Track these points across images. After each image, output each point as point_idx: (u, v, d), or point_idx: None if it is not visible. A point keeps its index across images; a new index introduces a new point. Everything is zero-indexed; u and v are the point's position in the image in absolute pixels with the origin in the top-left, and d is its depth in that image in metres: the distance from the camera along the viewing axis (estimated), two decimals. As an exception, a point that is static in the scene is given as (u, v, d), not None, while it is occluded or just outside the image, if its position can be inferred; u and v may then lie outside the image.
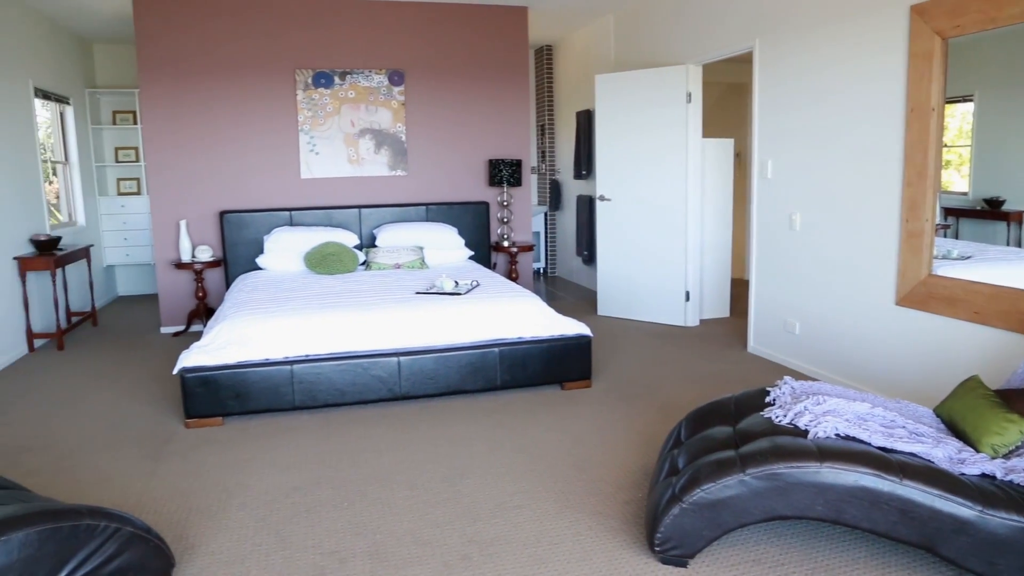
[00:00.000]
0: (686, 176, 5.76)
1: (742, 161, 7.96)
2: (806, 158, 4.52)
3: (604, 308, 6.44)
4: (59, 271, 6.16)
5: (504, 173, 6.43)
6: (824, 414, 2.57)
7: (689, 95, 5.67)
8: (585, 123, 7.45)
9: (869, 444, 2.40)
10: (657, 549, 2.45)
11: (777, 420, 2.65)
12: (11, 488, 2.58)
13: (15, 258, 5.52)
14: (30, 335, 5.63)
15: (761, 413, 2.78)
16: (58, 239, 5.83)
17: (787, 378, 3.03)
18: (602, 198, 6.26)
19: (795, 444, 2.40)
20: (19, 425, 4.02)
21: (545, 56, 8.59)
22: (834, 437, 2.44)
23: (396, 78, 6.36)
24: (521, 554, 2.56)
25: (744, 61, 5.48)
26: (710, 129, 7.43)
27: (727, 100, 8.20)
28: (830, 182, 4.33)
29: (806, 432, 2.50)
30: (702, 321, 6.16)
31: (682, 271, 5.90)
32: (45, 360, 5.41)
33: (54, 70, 6.67)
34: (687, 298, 5.94)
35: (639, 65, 6.45)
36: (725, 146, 6.21)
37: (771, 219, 4.90)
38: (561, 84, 8.40)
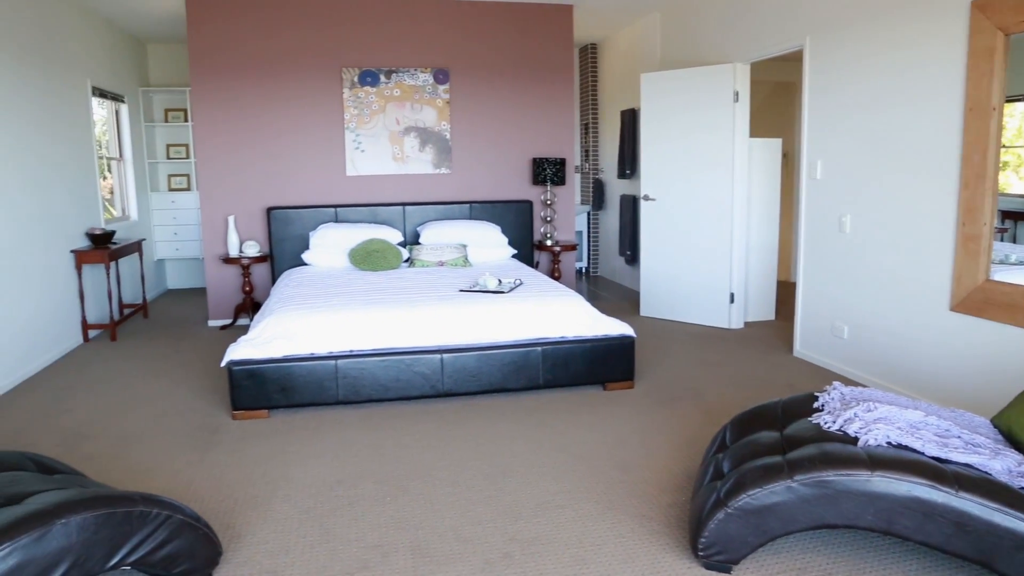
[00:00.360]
0: (732, 176, 5.69)
1: (790, 161, 7.83)
2: (857, 158, 4.43)
3: (647, 309, 6.39)
4: (113, 264, 6.34)
5: (548, 172, 6.42)
6: (875, 421, 2.51)
7: (736, 94, 5.59)
8: (630, 122, 7.39)
9: (922, 454, 2.34)
10: (701, 554, 2.43)
11: (826, 426, 2.59)
12: (69, 473, 2.66)
13: (72, 251, 5.68)
14: (85, 326, 5.79)
15: (809, 419, 2.73)
16: (112, 233, 5.98)
17: (836, 383, 2.97)
18: (646, 198, 6.21)
19: (845, 451, 2.35)
20: (76, 412, 4.14)
21: (590, 55, 8.56)
22: (885, 445, 2.38)
23: (441, 76, 6.39)
24: (563, 554, 2.56)
25: (793, 59, 5.40)
26: (757, 129, 7.33)
27: (774, 99, 8.07)
28: (882, 183, 4.23)
29: (856, 439, 2.45)
30: (747, 323, 6.07)
31: (727, 272, 5.83)
32: (99, 350, 5.56)
33: (110, 70, 6.85)
34: (732, 300, 5.86)
35: (685, 64, 6.38)
36: (772, 146, 6.11)
37: (820, 221, 4.81)
38: (605, 83, 8.36)
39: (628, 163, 7.46)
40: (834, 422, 2.60)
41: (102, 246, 5.89)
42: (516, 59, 6.53)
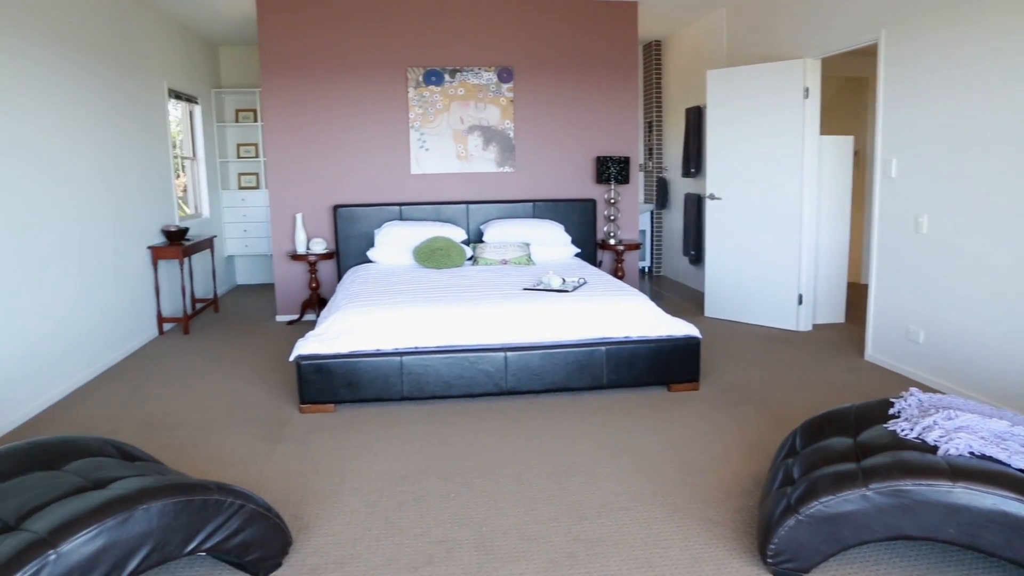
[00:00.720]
0: (802, 175, 5.55)
1: (861, 159, 7.60)
2: (936, 156, 4.27)
3: (712, 309, 6.29)
4: (186, 260, 6.55)
5: (612, 170, 6.38)
6: (956, 430, 2.42)
7: (807, 90, 5.46)
8: (695, 120, 7.29)
9: (1008, 465, 2.24)
10: (770, 561, 2.37)
11: (903, 434, 2.51)
12: (148, 460, 2.76)
13: (149, 247, 5.89)
14: (160, 319, 6.00)
15: (884, 425, 2.64)
16: (186, 230, 6.18)
17: (913, 390, 2.87)
18: (712, 197, 6.11)
19: (924, 460, 2.27)
20: (153, 402, 4.30)
21: (654, 52, 8.46)
22: (967, 455, 2.29)
23: (505, 75, 6.41)
24: (628, 556, 2.54)
25: (865, 54, 5.23)
26: (827, 126, 7.14)
27: (845, 95, 7.84)
28: (964, 182, 4.07)
29: (935, 448, 2.36)
30: (815, 326, 5.92)
31: (795, 273, 5.69)
32: (173, 343, 5.75)
33: (185, 72, 7.08)
34: (800, 301, 5.72)
35: (753, 60, 6.25)
36: (844, 144, 5.94)
37: (895, 220, 4.65)
38: (670, 80, 8.25)
39: (693, 161, 7.35)
40: (911, 429, 2.51)
41: (176, 242, 6.09)
42: (580, 57, 6.50)
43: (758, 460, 3.33)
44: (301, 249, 6.24)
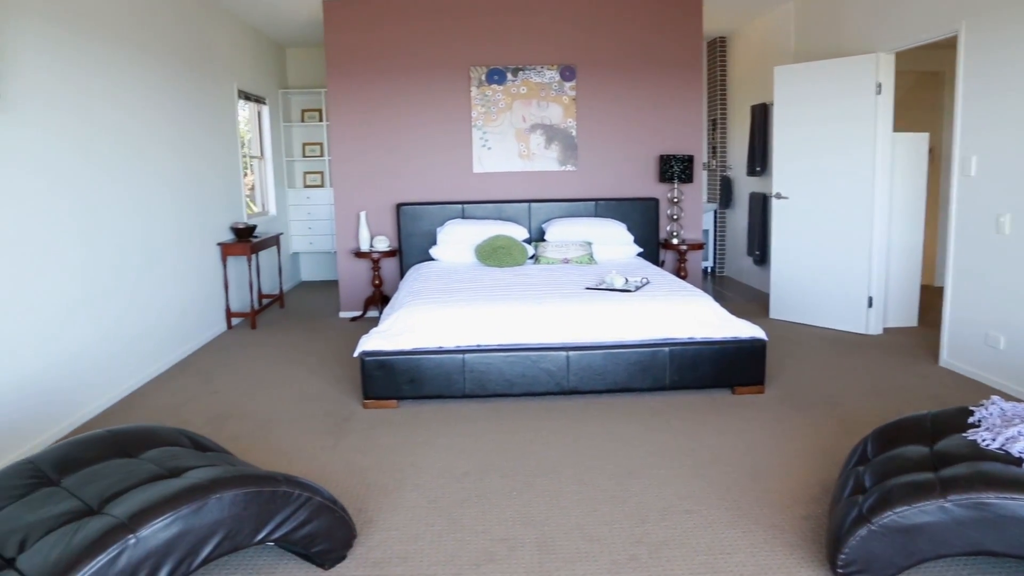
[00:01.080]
0: (873, 173, 5.38)
1: (937, 157, 7.33)
2: (1020, 153, 4.08)
3: (777, 311, 6.15)
4: (254, 256, 6.72)
5: (675, 169, 6.29)
6: (1044, 440, 2.30)
7: (879, 86, 5.28)
8: (760, 117, 7.14)
9: (1101, 478, 2.13)
10: (840, 571, 2.30)
11: (984, 444, 2.41)
12: (218, 451, 2.83)
13: (219, 244, 6.06)
14: (228, 314, 6.17)
15: (963, 435, 2.54)
16: (254, 227, 6.34)
17: (995, 398, 2.75)
18: (778, 196, 5.97)
19: (1008, 472, 2.17)
20: (223, 394, 4.42)
21: (718, 48, 8.32)
22: (1056, 467, 2.18)
23: (568, 73, 6.38)
24: (692, 560, 2.50)
25: (942, 47, 5.03)
26: (900, 122, 6.90)
27: (920, 90, 7.57)
28: (1049, 181, 3.88)
29: (1020, 460, 2.26)
30: (886, 329, 5.73)
31: (865, 275, 5.52)
32: (240, 337, 5.91)
33: (254, 73, 7.27)
34: (870, 304, 5.55)
35: (822, 55, 6.08)
36: (918, 141, 5.74)
37: (974, 221, 4.47)
38: (735, 77, 8.10)
39: (758, 160, 7.20)
40: (994, 440, 2.41)
41: (245, 239, 6.25)
42: (643, 54, 6.43)
43: (826, 466, 3.24)
44: (365, 247, 6.34)
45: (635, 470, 3.23)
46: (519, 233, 6.01)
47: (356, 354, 4.07)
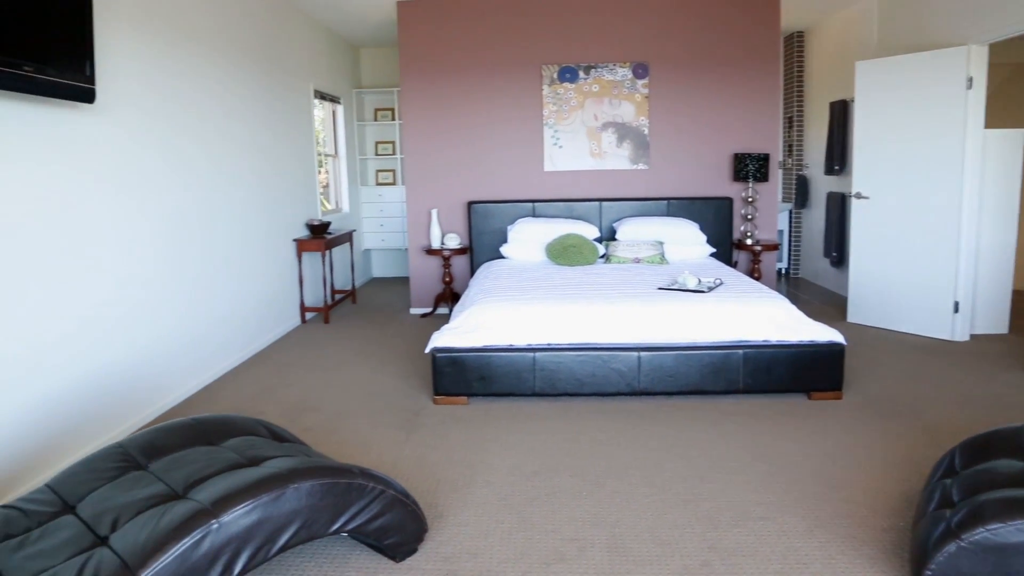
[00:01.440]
0: (962, 172, 5.14)
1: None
2: None
3: (855, 315, 5.95)
4: (327, 253, 6.87)
5: (750, 168, 6.15)
6: None
7: (970, 80, 5.05)
8: (840, 114, 6.91)
9: None
10: (926, 586, 2.21)
11: (1086, 458, 2.27)
12: (294, 442, 2.90)
13: (294, 240, 6.22)
14: (303, 308, 6.33)
15: (1063, 448, 2.40)
16: (328, 224, 6.48)
17: (1098, 410, 2.59)
18: (858, 195, 5.78)
19: (1113, 489, 2.04)
20: (297, 387, 4.54)
21: (796, 43, 8.09)
22: None
23: (640, 71, 6.31)
24: (765, 569, 2.43)
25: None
26: (993, 118, 6.59)
27: (1015, 84, 7.20)
28: None
29: None
30: (973, 336, 5.47)
31: (951, 279, 5.29)
32: (314, 331, 6.05)
33: (329, 74, 7.43)
34: (956, 309, 5.31)
35: (907, 49, 5.85)
36: (1012, 137, 5.46)
37: (1073, 223, 4.22)
38: (813, 73, 7.87)
39: (837, 158, 6.98)
40: (1097, 454, 2.27)
41: (319, 236, 6.39)
42: (718, 50, 6.31)
43: (908, 478, 3.12)
44: (436, 244, 6.41)
45: (707, 474, 3.17)
46: (590, 232, 5.97)
47: (428, 350, 4.11)
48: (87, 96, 3.31)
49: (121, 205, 3.78)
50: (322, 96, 7.20)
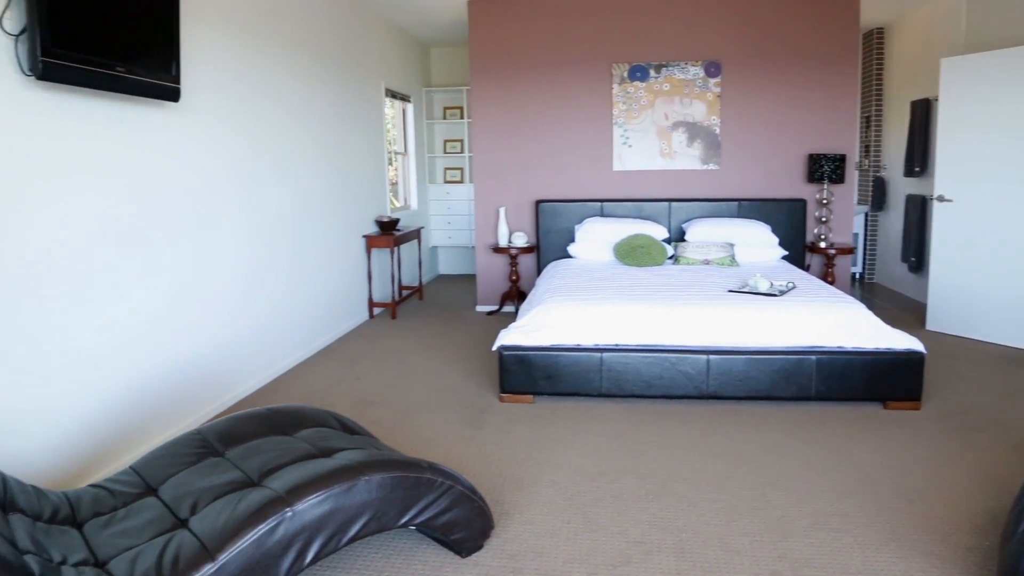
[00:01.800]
0: (1056, 176, 4.89)
1: None
2: None
3: (935, 323, 5.72)
4: (396, 249, 6.97)
5: (825, 168, 5.98)
6: None
7: (1068, 80, 4.80)
8: (921, 114, 6.65)
9: None
10: (1013, 609, 2.11)
11: None
12: (364, 435, 2.95)
13: (364, 236, 6.33)
14: (371, 304, 6.43)
15: None
16: (397, 221, 6.57)
17: None
18: (941, 198, 5.55)
19: None
20: (366, 381, 4.61)
21: (875, 40, 7.83)
22: None
23: (712, 69, 6.20)
24: (841, 582, 2.36)
25: None
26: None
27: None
28: None
29: None
30: (1064, 347, 5.21)
31: (1041, 287, 5.04)
32: (382, 326, 6.14)
33: (400, 73, 7.53)
34: (1046, 319, 5.06)
35: (998, 45, 5.58)
36: (1112, 140, 5.16)
37: None
38: (893, 70, 7.59)
39: (918, 159, 6.72)
40: None
41: (388, 232, 6.49)
42: (793, 48, 6.14)
43: (994, 495, 2.98)
44: (503, 242, 6.43)
45: (777, 482, 3.10)
46: (658, 232, 5.90)
47: (494, 348, 4.13)
48: (173, 95, 3.44)
49: (203, 201, 3.91)
50: (393, 95, 7.30)
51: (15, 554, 1.77)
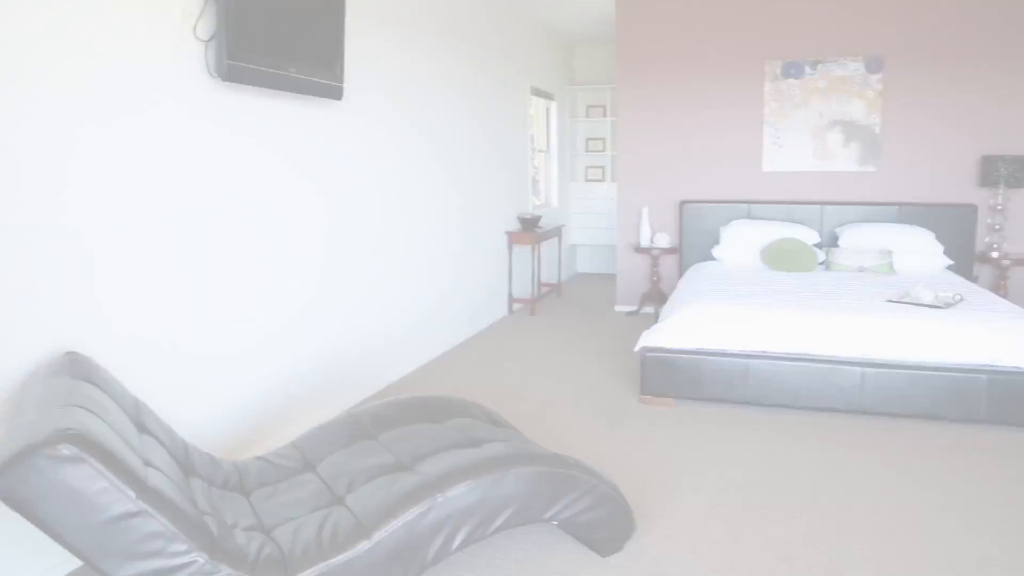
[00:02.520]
0: None
1: None
2: None
3: None
4: (536, 246, 7.05)
5: (1001, 172, 5.50)
6: None
7: None
8: (1122, 113, 5.99)
9: None
10: None
11: None
12: (508, 428, 3.02)
13: (506, 232, 6.45)
14: (511, 299, 6.55)
15: None
16: (539, 218, 6.64)
17: None
18: None
19: None
20: (505, 375, 4.71)
21: (1068, 32, 7.11)
22: None
23: (874, 65, 5.85)
24: (1014, 621, 2.19)
25: None
26: None
27: None
28: None
29: None
30: None
31: None
32: (521, 322, 6.24)
33: (545, 71, 7.61)
34: None
35: None
36: None
37: None
38: (1088, 65, 6.87)
39: (1114, 163, 6.06)
40: None
41: (530, 229, 6.57)
42: (964, 41, 5.67)
43: None
44: (645, 242, 6.36)
45: (939, 509, 2.90)
46: (809, 236, 5.65)
47: (636, 348, 4.10)
48: (336, 93, 3.65)
49: (360, 195, 4.13)
50: (537, 92, 7.38)
51: (198, 513, 1.94)
